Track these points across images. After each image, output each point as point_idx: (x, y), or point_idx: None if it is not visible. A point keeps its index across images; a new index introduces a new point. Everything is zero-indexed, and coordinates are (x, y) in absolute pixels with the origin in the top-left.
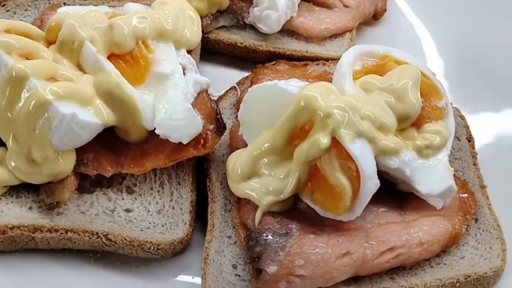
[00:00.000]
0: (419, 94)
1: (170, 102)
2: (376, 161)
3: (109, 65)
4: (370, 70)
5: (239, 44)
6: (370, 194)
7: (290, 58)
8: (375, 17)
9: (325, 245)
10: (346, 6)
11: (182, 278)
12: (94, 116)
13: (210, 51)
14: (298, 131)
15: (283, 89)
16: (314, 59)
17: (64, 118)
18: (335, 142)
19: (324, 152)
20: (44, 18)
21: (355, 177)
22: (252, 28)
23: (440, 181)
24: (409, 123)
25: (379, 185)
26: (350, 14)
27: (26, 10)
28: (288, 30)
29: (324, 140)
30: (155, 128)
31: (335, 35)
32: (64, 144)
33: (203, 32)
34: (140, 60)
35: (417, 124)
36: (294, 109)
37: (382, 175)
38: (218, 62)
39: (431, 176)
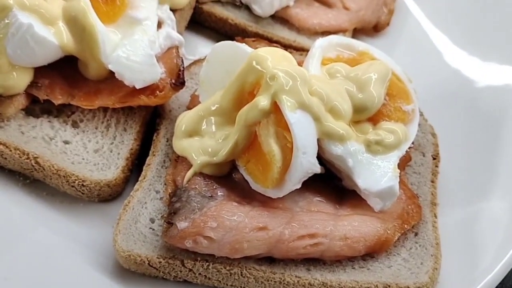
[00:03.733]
0: (383, 90)
1: (133, 44)
2: (320, 146)
3: None
4: (343, 61)
5: (230, 21)
6: (301, 170)
7: (277, 43)
8: (376, 28)
9: (243, 215)
10: (346, 8)
11: (100, 224)
12: (53, 36)
13: (201, 24)
14: (247, 95)
15: (241, 48)
16: (300, 50)
17: (20, 27)
18: (276, 109)
19: (263, 115)
20: None
21: (288, 149)
22: (247, 9)
23: (382, 180)
24: (366, 116)
25: (317, 168)
26: (347, 16)
27: None
28: (282, 18)
29: (263, 102)
30: None
31: (327, 33)
32: (18, 56)
33: (198, 1)
34: (116, 0)
35: (374, 120)
36: (245, 68)
37: (328, 166)
38: (206, 35)
39: (374, 173)
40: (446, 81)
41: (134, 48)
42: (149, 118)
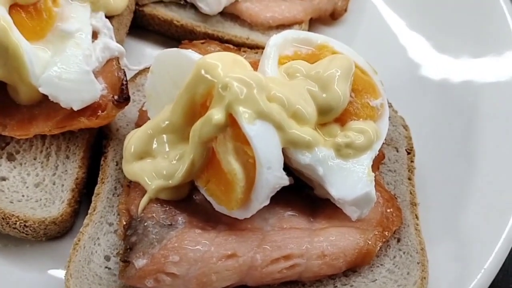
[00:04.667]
0: (347, 86)
1: (65, 61)
2: (286, 155)
3: (1, 11)
4: (302, 58)
5: (175, 22)
6: (267, 187)
7: (229, 43)
8: (333, 16)
9: (209, 243)
10: None
11: (51, 266)
12: None
13: (145, 28)
14: (199, 108)
15: (187, 56)
16: (255, 47)
17: None
18: (233, 121)
19: (218, 130)
20: None
21: (251, 165)
22: (193, 7)
23: (357, 187)
24: (332, 117)
25: (286, 181)
26: (302, 6)
27: None
28: (232, 15)
29: (217, 116)
30: None
31: (282, 26)
32: None
33: (138, 4)
34: (43, 13)
35: (342, 120)
36: (193, 78)
37: (297, 175)
38: (151, 40)
39: (347, 180)
40: (410, 68)
41: (67, 65)
42: (94, 140)
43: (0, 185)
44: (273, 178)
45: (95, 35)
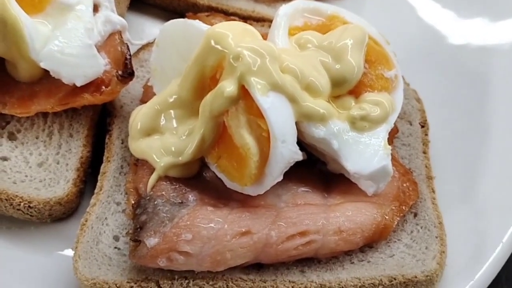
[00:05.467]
0: (361, 57)
1: (66, 35)
2: (299, 129)
3: None
4: (312, 29)
5: None
6: (282, 161)
7: (234, 16)
8: None
9: (222, 220)
10: None
11: (57, 247)
12: None
13: (145, 2)
14: (209, 81)
15: (195, 27)
16: (261, 20)
17: None
18: (245, 93)
19: (230, 103)
20: None
21: (264, 139)
22: None
23: (373, 160)
24: (346, 89)
25: (299, 155)
26: None
27: None
28: None
29: (229, 88)
30: None
31: None
32: None
33: None
34: None
35: (356, 92)
36: (202, 49)
37: (310, 150)
38: (153, 15)
39: (363, 153)
40: (421, 38)
41: (69, 38)
42: (98, 118)
43: (2, 165)
44: (288, 152)
45: (95, 8)
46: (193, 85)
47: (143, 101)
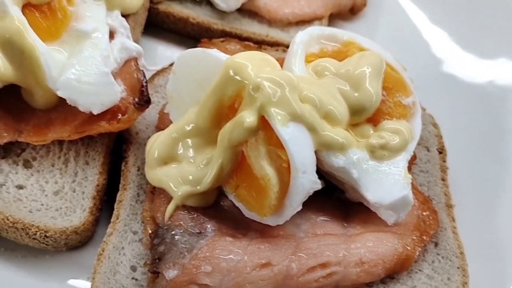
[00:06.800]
0: (379, 84)
1: (83, 62)
2: (318, 157)
3: (15, 11)
4: (328, 55)
5: (191, 20)
6: (302, 192)
7: (248, 41)
8: (353, 11)
9: (241, 252)
10: None
11: (73, 276)
12: None
13: (160, 27)
14: (227, 110)
15: (213, 56)
16: (275, 45)
17: None
18: (265, 124)
19: (250, 133)
20: None
21: (284, 169)
22: (209, 4)
23: (393, 190)
24: (365, 117)
25: (318, 185)
26: (321, 1)
27: None
28: (249, 11)
29: (249, 118)
30: None
31: (302, 22)
32: None
33: (152, 2)
34: (57, 13)
35: (375, 120)
36: (221, 79)
37: (328, 178)
38: (166, 39)
39: (383, 182)
40: (434, 64)
41: (85, 66)
42: (114, 145)
43: (18, 194)
44: (308, 182)
45: (111, 35)
46: (211, 114)
47: (159, 127)
